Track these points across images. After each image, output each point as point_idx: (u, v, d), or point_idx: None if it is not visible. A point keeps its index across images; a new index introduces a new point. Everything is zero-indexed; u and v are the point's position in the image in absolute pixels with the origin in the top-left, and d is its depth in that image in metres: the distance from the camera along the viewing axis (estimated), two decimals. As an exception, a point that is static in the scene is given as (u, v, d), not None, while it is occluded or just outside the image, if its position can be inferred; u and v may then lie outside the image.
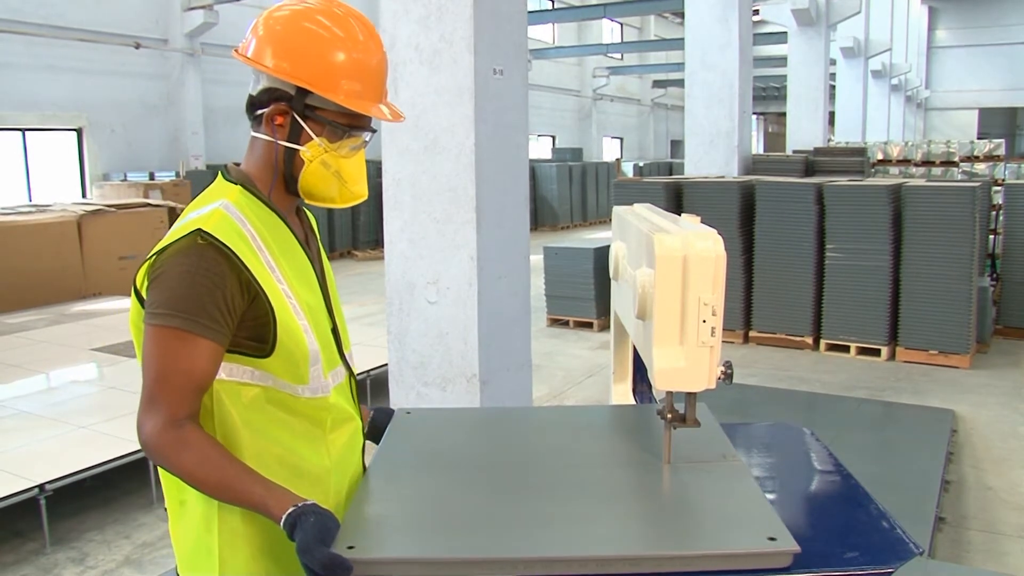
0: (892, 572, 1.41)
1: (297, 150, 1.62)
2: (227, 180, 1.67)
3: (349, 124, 1.63)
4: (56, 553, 4.19)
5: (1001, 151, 11.76)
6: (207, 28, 16.00)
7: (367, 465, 1.82)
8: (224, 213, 1.57)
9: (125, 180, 14.02)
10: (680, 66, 12.79)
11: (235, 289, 1.53)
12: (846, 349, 7.94)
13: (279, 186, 1.67)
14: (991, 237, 9.14)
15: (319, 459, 1.71)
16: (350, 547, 1.40)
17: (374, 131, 1.69)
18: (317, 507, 1.46)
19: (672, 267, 1.58)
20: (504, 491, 1.65)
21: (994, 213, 9.19)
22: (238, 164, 1.71)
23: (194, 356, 1.51)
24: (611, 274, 2.13)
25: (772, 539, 1.40)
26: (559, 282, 9.41)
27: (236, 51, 1.66)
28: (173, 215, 10.91)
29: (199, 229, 1.52)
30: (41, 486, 4.11)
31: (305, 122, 1.61)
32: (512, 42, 5.19)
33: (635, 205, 2.21)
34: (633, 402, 2.47)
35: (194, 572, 1.68)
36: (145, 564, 4.11)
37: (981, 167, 11.37)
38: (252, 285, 1.55)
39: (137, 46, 15.25)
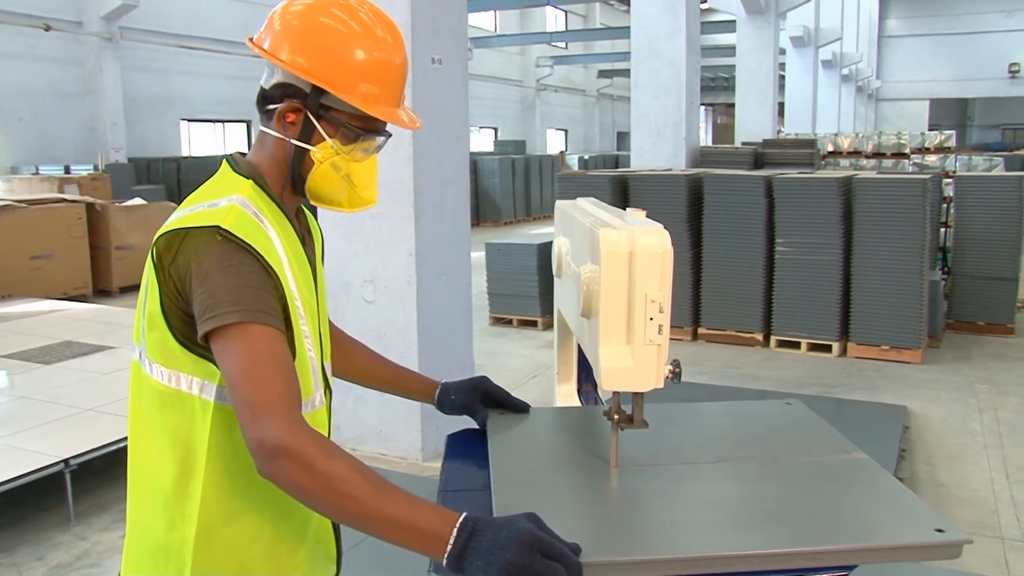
0: (852, 569, 1.44)
1: (308, 150, 1.55)
2: (236, 172, 1.57)
3: (364, 127, 1.56)
4: (-43, 580, 3.90)
5: (952, 143, 11.79)
6: (126, 11, 15.26)
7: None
8: (242, 210, 1.47)
9: (37, 173, 13.43)
10: (626, 55, 12.73)
11: (270, 284, 1.43)
12: (797, 345, 7.87)
13: (288, 185, 1.61)
14: (942, 230, 9.12)
15: None
16: None
17: (389, 135, 1.62)
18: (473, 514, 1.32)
19: (618, 263, 1.55)
20: (660, 487, 1.66)
21: (945, 206, 9.17)
22: (244, 154, 1.62)
23: (271, 343, 1.37)
24: (554, 271, 2.09)
25: (940, 531, 1.43)
26: (502, 279, 9.22)
27: (251, 40, 1.58)
28: (92, 211, 10.43)
29: (218, 227, 1.40)
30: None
31: (318, 122, 1.54)
32: (451, 30, 5.09)
33: (578, 199, 2.15)
34: (578, 403, 2.42)
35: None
36: (58, 587, 3.84)
37: (932, 159, 11.39)
38: (279, 287, 1.45)
39: (47, 28, 14.51)
